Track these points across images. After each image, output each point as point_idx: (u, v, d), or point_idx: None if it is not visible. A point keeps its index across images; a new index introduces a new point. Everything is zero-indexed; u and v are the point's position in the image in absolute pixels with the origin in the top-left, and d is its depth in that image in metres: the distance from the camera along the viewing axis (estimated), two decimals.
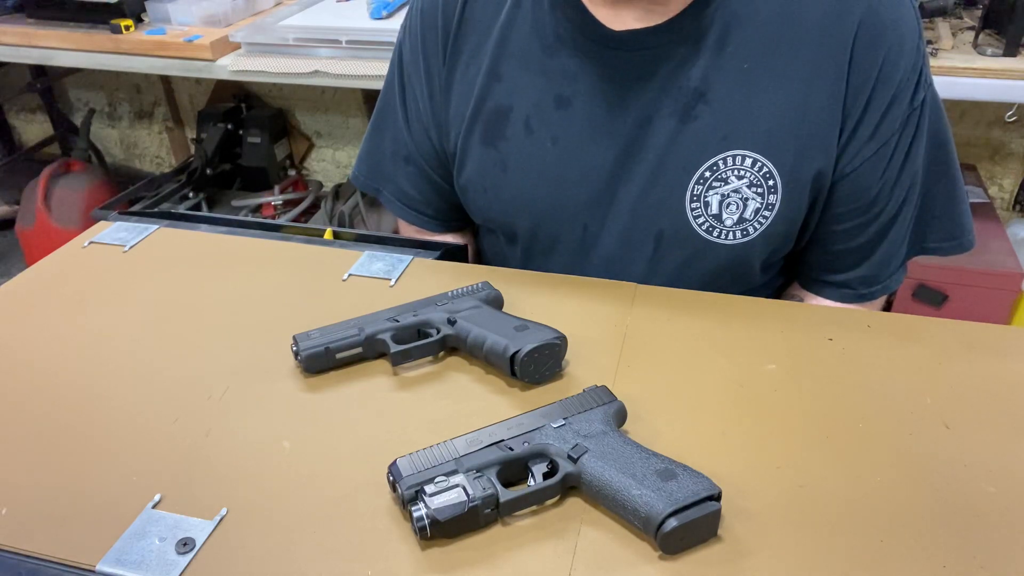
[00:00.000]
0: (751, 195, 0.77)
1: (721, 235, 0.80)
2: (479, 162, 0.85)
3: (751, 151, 0.76)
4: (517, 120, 0.82)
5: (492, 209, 0.88)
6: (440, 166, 0.92)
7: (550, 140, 0.81)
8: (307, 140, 2.65)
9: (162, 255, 0.89)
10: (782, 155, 0.76)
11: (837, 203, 0.82)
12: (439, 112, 0.88)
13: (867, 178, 0.79)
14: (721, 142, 0.77)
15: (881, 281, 0.87)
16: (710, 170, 0.77)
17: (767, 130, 0.76)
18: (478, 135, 0.85)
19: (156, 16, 1.87)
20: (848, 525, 0.55)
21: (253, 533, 0.55)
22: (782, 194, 0.78)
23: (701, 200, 0.78)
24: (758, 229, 0.79)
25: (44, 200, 2.32)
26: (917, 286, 1.70)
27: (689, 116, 0.77)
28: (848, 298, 0.89)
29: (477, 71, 0.84)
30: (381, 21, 1.76)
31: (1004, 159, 2.06)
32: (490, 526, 0.56)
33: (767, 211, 0.78)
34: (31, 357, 0.73)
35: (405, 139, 0.92)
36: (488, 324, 0.71)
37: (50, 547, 0.54)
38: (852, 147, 0.78)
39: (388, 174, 0.96)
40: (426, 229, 0.99)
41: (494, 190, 0.86)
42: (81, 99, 2.86)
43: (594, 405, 0.61)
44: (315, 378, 0.70)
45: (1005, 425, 0.64)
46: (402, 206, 0.97)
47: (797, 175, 0.77)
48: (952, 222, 0.86)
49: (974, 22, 1.64)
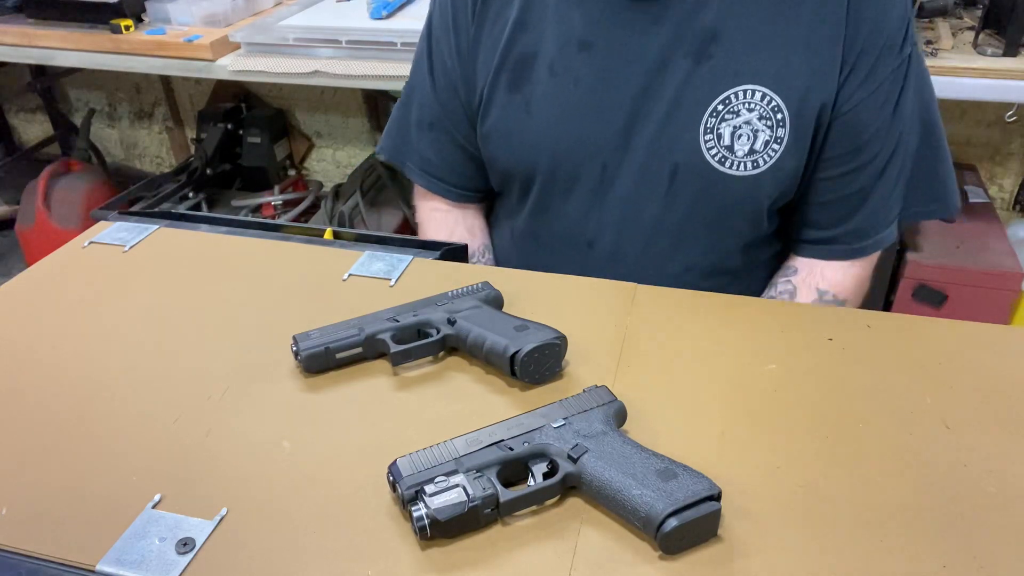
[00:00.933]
0: (761, 127, 0.83)
1: (733, 166, 0.85)
2: (504, 107, 0.91)
3: (761, 86, 0.83)
4: (541, 65, 0.89)
5: (514, 153, 0.93)
6: (466, 126, 0.98)
7: (572, 82, 0.87)
8: (307, 140, 2.65)
9: (162, 255, 0.89)
10: (789, 90, 0.83)
11: (831, 146, 0.87)
12: (467, 67, 0.94)
13: (861, 120, 0.85)
14: (733, 78, 0.83)
15: (872, 235, 0.92)
16: (723, 103, 0.83)
17: (776, 67, 0.83)
18: (504, 82, 0.91)
19: (156, 16, 1.87)
20: (848, 525, 0.55)
21: (253, 533, 0.55)
22: (790, 127, 0.84)
23: (714, 132, 0.84)
24: (768, 161, 0.85)
25: (44, 200, 2.31)
26: (917, 286, 1.70)
27: (703, 56, 0.83)
28: (841, 254, 0.93)
29: (504, 24, 0.90)
30: (381, 21, 1.76)
31: (1004, 159, 2.06)
32: (490, 526, 0.56)
33: (776, 144, 0.84)
34: (31, 357, 0.73)
35: (431, 104, 0.98)
36: (488, 324, 0.71)
37: (50, 547, 0.54)
38: (849, 86, 0.84)
39: (413, 144, 1.02)
40: (447, 199, 1.04)
41: (518, 134, 0.91)
42: (81, 99, 2.86)
43: (594, 405, 0.62)
44: (315, 378, 0.70)
45: (1005, 425, 0.64)
46: (425, 175, 1.03)
47: (803, 110, 0.84)
48: (936, 183, 0.92)
49: (974, 22, 1.64)
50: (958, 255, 1.68)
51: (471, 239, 1.05)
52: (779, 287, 0.96)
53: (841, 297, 0.94)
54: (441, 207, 1.06)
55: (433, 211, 1.06)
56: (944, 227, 1.78)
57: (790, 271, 0.97)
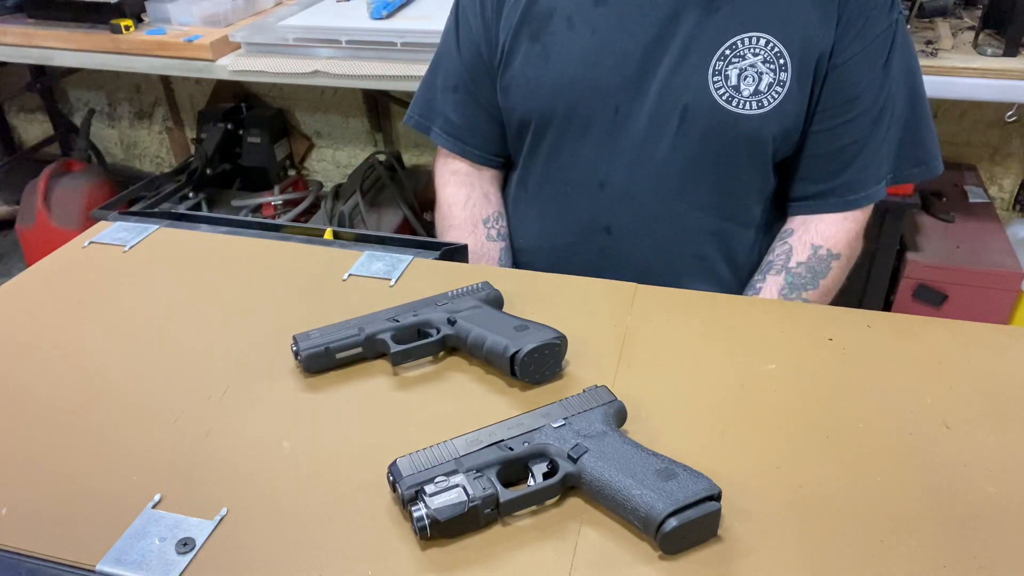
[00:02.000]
0: (765, 70, 0.90)
1: (740, 104, 0.91)
2: (524, 57, 0.98)
3: (765, 33, 0.90)
4: (560, 18, 0.96)
5: (532, 98, 0.98)
6: (488, 84, 1.04)
7: (589, 31, 0.94)
8: (307, 140, 2.65)
9: (162, 255, 0.89)
10: (791, 38, 0.90)
11: (825, 97, 0.93)
12: (490, 29, 1.01)
13: (853, 73, 0.92)
14: (740, 25, 0.91)
15: (864, 188, 0.98)
16: (730, 48, 0.91)
17: (779, 17, 0.90)
18: (525, 35, 0.98)
19: (156, 16, 1.87)
20: (848, 525, 0.55)
21: (253, 533, 0.55)
22: (792, 72, 0.91)
23: (722, 74, 0.91)
24: (772, 102, 0.91)
25: (44, 200, 2.31)
26: (917, 286, 1.70)
27: (711, 8, 0.91)
28: (835, 206, 0.98)
29: None
30: (381, 21, 1.76)
31: (1004, 159, 2.06)
32: (490, 526, 0.56)
33: (779, 87, 0.91)
34: (31, 357, 0.73)
35: (456, 67, 1.05)
36: (488, 324, 0.71)
37: (50, 547, 0.54)
38: (843, 41, 0.91)
39: (438, 108, 1.09)
40: (468, 159, 1.10)
41: (537, 80, 0.97)
42: (81, 99, 2.86)
43: (594, 405, 0.61)
44: (315, 378, 0.70)
45: (1005, 425, 0.64)
46: (448, 137, 1.08)
47: (804, 57, 0.91)
48: (920, 147, 0.98)
49: (974, 22, 1.64)
50: (958, 255, 1.68)
51: (486, 204, 1.09)
52: (776, 250, 1.00)
53: (835, 251, 0.98)
54: (461, 169, 1.10)
55: (452, 174, 1.10)
56: (944, 227, 1.78)
57: (786, 233, 1.01)
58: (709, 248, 1.00)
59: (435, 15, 1.75)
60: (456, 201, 1.09)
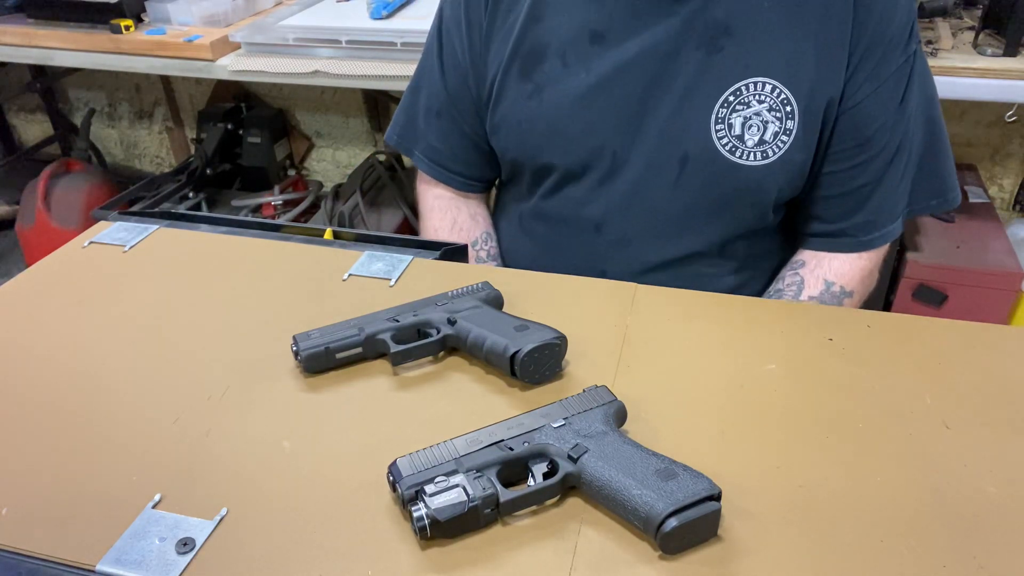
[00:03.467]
0: (771, 119, 0.85)
1: (743, 155, 0.86)
2: (515, 96, 0.92)
3: (771, 79, 0.85)
4: (554, 55, 0.90)
5: (524, 141, 0.94)
6: (473, 116, 0.99)
7: (584, 71, 0.89)
8: (307, 140, 2.65)
9: (162, 255, 0.89)
10: (799, 84, 0.85)
11: (838, 140, 0.89)
12: (478, 58, 0.95)
13: (866, 114, 0.87)
14: (744, 70, 0.85)
15: (880, 228, 0.93)
16: (734, 95, 0.85)
17: (786, 61, 0.85)
18: (515, 72, 0.92)
19: (156, 16, 1.87)
20: (848, 525, 0.55)
21: (253, 533, 0.55)
22: (799, 120, 0.86)
23: (725, 122, 0.86)
24: (777, 152, 0.86)
25: (44, 200, 2.31)
26: (917, 286, 1.70)
27: (714, 47, 0.85)
28: (849, 246, 0.94)
29: (517, 16, 0.91)
30: (381, 21, 1.76)
31: (1004, 159, 2.06)
32: (490, 526, 0.56)
33: (785, 135, 0.86)
34: (31, 357, 0.73)
35: (440, 93, 1.00)
36: (488, 324, 0.71)
37: (50, 547, 0.54)
38: (855, 81, 0.86)
39: (420, 132, 1.04)
40: (451, 187, 1.06)
41: (528, 122, 0.92)
42: (81, 99, 2.86)
43: (594, 405, 0.61)
44: (315, 378, 0.70)
45: (1005, 425, 0.64)
46: (430, 163, 1.04)
47: (812, 103, 0.85)
48: (938, 179, 0.94)
49: (974, 22, 1.64)
50: (958, 255, 1.68)
51: (473, 226, 1.06)
52: (787, 280, 0.97)
53: (848, 288, 0.95)
54: (445, 194, 1.08)
55: (437, 199, 1.08)
56: (944, 227, 1.78)
57: (797, 264, 0.98)
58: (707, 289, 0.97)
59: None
60: (442, 227, 1.06)
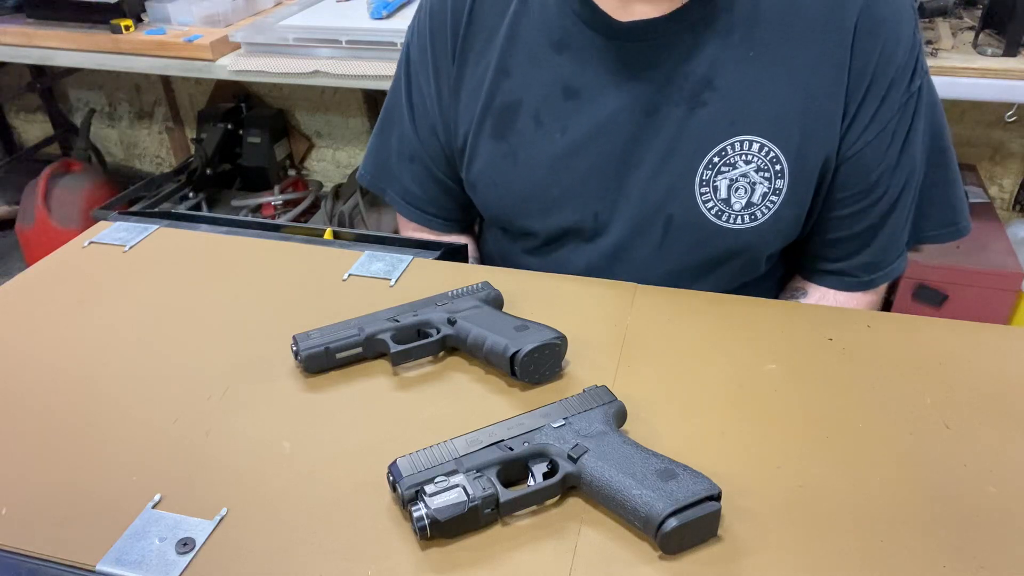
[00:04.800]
0: (759, 179, 0.80)
1: (730, 219, 0.81)
2: (489, 156, 0.87)
3: (758, 136, 0.79)
4: (527, 113, 0.84)
5: (503, 202, 0.89)
6: (446, 165, 0.94)
7: (559, 131, 0.83)
8: (307, 140, 2.65)
9: (162, 255, 0.89)
10: (788, 140, 0.79)
11: (839, 188, 0.84)
12: (447, 111, 0.90)
13: (868, 162, 0.82)
14: (729, 127, 0.79)
15: (883, 268, 0.89)
16: (719, 155, 0.79)
17: (774, 116, 0.78)
18: (488, 130, 0.86)
19: (156, 16, 1.87)
20: (848, 525, 0.55)
21: (253, 533, 0.55)
22: (789, 179, 0.80)
23: (710, 185, 0.80)
24: (766, 214, 0.81)
25: (44, 200, 2.32)
26: (917, 286, 1.70)
27: (697, 102, 0.79)
28: (851, 286, 0.90)
29: (486, 68, 0.85)
30: (381, 21, 1.76)
31: (1004, 159, 2.06)
32: (490, 526, 0.56)
33: (774, 196, 0.80)
34: (31, 357, 0.73)
35: (411, 138, 0.94)
36: (488, 324, 0.71)
37: (50, 547, 0.54)
38: (854, 131, 0.80)
39: (394, 173, 0.98)
40: (430, 228, 1.01)
41: (505, 184, 0.87)
42: (81, 99, 2.86)
43: (594, 405, 0.61)
44: (315, 378, 0.70)
45: (1005, 425, 0.64)
46: (407, 205, 0.99)
47: (803, 160, 0.80)
48: (949, 208, 0.89)
49: (974, 22, 1.64)
50: (958, 255, 1.68)
51: None
52: None
53: None
54: (424, 233, 1.02)
55: (416, 231, 1.03)
56: None
57: (799, 293, 0.94)
58: None
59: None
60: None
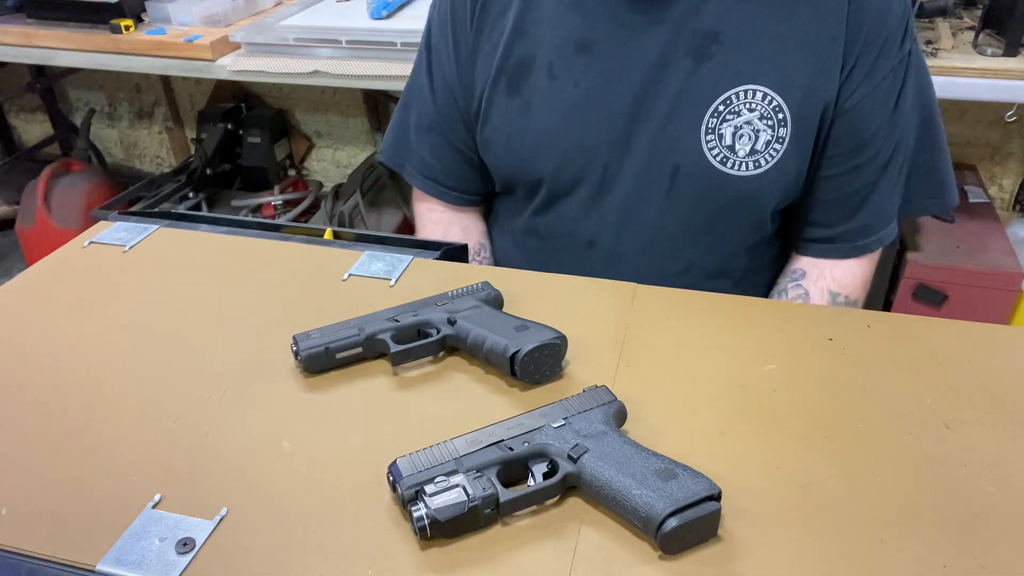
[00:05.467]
0: (762, 127, 0.84)
1: (735, 166, 0.85)
2: (503, 111, 0.92)
3: (762, 86, 0.83)
4: (540, 68, 0.89)
5: (514, 157, 0.93)
6: (464, 131, 0.99)
7: (572, 84, 0.87)
8: (307, 140, 2.65)
9: (162, 255, 0.89)
10: (791, 90, 0.83)
11: (832, 145, 0.87)
12: (465, 74, 0.95)
13: (862, 118, 0.86)
14: (734, 78, 0.83)
15: (874, 233, 0.93)
16: (724, 104, 0.84)
17: (777, 67, 0.83)
18: (503, 86, 0.91)
19: (156, 16, 1.87)
20: (848, 525, 0.55)
21: (253, 533, 0.55)
22: (791, 127, 0.84)
23: (716, 132, 0.84)
24: (769, 161, 0.85)
25: (44, 200, 2.31)
26: (917, 286, 1.70)
27: (704, 56, 0.84)
28: (845, 252, 0.94)
29: (502, 31, 0.91)
30: (381, 21, 1.76)
31: (1004, 159, 2.06)
32: (490, 526, 0.56)
33: (778, 144, 0.84)
34: (31, 357, 0.73)
35: (430, 109, 0.99)
36: (488, 324, 0.71)
37: (50, 547, 0.54)
38: (851, 83, 0.84)
39: (412, 148, 1.03)
40: (445, 201, 1.05)
41: (518, 137, 0.91)
42: (81, 99, 2.86)
43: (594, 405, 0.62)
44: (315, 378, 0.70)
45: (1005, 425, 0.64)
46: (424, 179, 1.04)
47: (804, 109, 0.84)
48: (936, 181, 0.94)
49: (974, 22, 1.64)
50: (958, 255, 1.68)
51: (466, 239, 1.06)
52: (790, 293, 0.96)
53: (853, 297, 0.95)
54: (438, 208, 1.07)
55: (430, 211, 1.07)
56: (944, 227, 1.77)
57: (797, 274, 0.96)
58: None
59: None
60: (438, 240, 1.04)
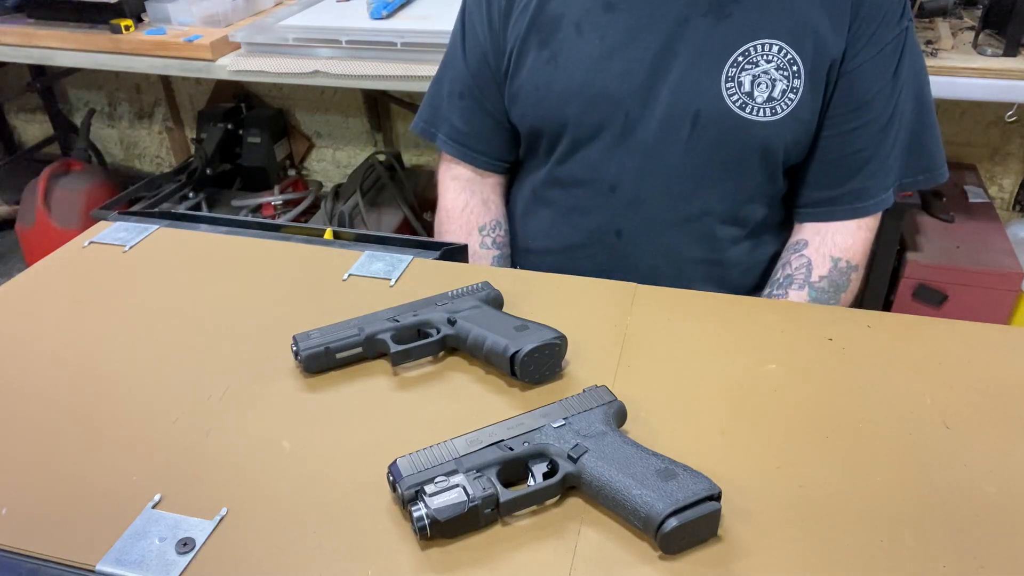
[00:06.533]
0: (778, 77, 0.90)
1: (753, 111, 0.91)
2: (532, 63, 0.98)
3: (778, 40, 0.90)
4: (569, 24, 0.95)
5: (541, 106, 0.98)
6: (495, 92, 1.04)
7: (598, 38, 0.94)
8: (307, 140, 2.65)
9: (162, 255, 0.89)
10: (803, 45, 0.90)
11: (836, 102, 0.93)
12: (497, 37, 1.01)
13: (864, 79, 0.92)
14: (751, 32, 0.90)
15: (873, 196, 0.97)
16: (743, 55, 0.90)
17: (791, 23, 0.90)
18: (533, 41, 0.97)
19: (156, 16, 1.87)
20: (848, 525, 0.55)
21: (253, 533, 0.55)
22: (805, 78, 0.91)
23: (735, 80, 0.91)
24: (785, 109, 0.91)
25: (44, 200, 2.31)
26: (917, 286, 1.70)
27: (723, 14, 0.91)
28: (844, 214, 0.98)
29: None
30: (381, 21, 1.76)
31: (1004, 159, 2.06)
32: (490, 526, 0.56)
33: (792, 93, 0.91)
34: (31, 357, 0.73)
35: (463, 75, 1.05)
36: (488, 324, 0.71)
37: (50, 547, 0.54)
38: (854, 47, 0.91)
39: (444, 115, 1.09)
40: (473, 165, 1.09)
41: (545, 87, 0.97)
42: (81, 99, 2.86)
43: (594, 405, 0.62)
44: (315, 378, 0.70)
45: (1005, 425, 0.64)
46: (454, 144, 1.08)
47: (816, 63, 0.91)
48: (927, 155, 0.98)
49: (974, 22, 1.64)
50: (958, 255, 1.68)
51: (484, 212, 1.09)
52: (793, 264, 0.99)
53: (854, 262, 0.98)
54: (463, 175, 1.10)
55: (454, 179, 1.11)
56: (944, 227, 1.78)
57: (800, 245, 1.00)
58: (718, 252, 0.99)
59: (435, 15, 1.75)
60: (454, 207, 1.09)
